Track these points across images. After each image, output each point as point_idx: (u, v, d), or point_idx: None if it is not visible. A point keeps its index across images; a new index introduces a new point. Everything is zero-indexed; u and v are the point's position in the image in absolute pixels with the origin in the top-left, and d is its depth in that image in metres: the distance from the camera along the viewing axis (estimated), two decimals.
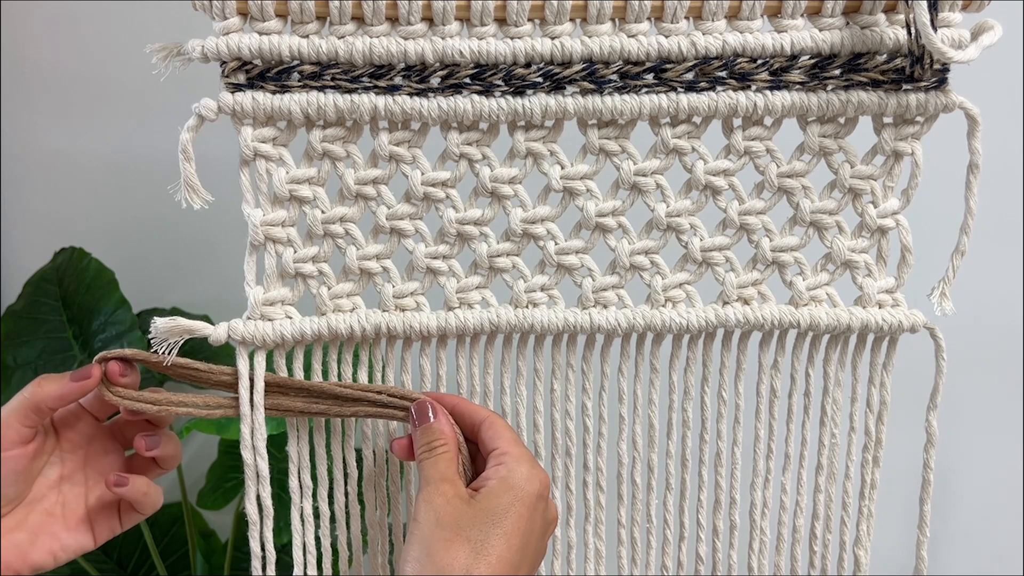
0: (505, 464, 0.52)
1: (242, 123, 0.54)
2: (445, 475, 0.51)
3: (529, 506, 0.51)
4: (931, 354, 0.61)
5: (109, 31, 1.10)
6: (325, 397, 0.57)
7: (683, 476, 0.64)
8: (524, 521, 0.50)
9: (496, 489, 0.51)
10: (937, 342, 0.61)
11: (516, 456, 0.52)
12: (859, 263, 0.60)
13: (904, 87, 0.55)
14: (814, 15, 0.54)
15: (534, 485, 0.51)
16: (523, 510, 0.50)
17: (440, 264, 0.58)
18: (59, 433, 0.56)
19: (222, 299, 1.16)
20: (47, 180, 1.18)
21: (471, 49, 0.53)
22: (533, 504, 0.51)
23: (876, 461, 0.63)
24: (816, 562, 0.66)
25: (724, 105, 0.55)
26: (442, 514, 0.49)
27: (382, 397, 0.56)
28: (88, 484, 0.57)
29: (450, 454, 0.53)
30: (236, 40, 0.52)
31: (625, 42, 0.53)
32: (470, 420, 0.56)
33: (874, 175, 0.58)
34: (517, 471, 0.51)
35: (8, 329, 1.08)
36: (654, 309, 0.59)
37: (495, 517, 0.49)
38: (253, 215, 0.56)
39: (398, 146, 0.56)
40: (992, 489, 1.15)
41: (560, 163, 0.57)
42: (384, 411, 0.57)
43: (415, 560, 0.48)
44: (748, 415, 0.63)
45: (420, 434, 0.54)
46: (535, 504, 0.51)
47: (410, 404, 0.56)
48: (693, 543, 0.65)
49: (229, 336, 0.56)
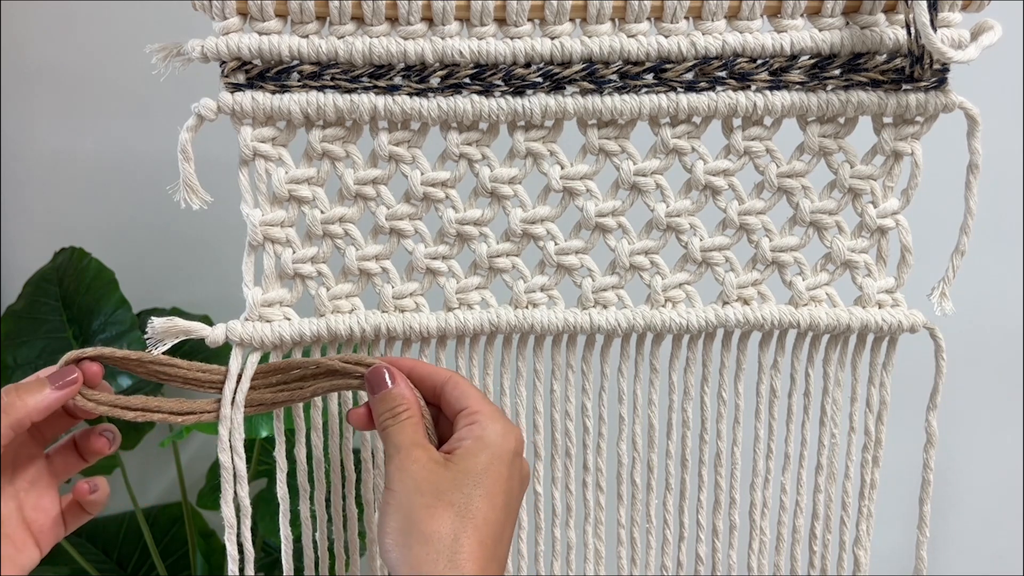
0: (479, 423, 0.50)
1: (241, 123, 0.54)
2: (415, 440, 0.49)
3: (507, 463, 0.49)
4: (931, 354, 0.61)
5: (109, 31, 1.10)
6: (288, 381, 0.55)
7: (683, 476, 0.64)
8: (504, 479, 0.48)
9: (472, 449, 0.49)
10: (937, 342, 0.61)
11: (488, 414, 0.50)
12: (859, 263, 0.60)
13: (904, 87, 0.55)
14: (814, 15, 0.54)
15: (510, 442, 0.49)
16: (502, 468, 0.48)
17: (440, 264, 0.58)
18: None
19: (222, 299, 1.16)
20: (47, 180, 1.18)
21: (471, 49, 0.53)
22: (511, 461, 0.49)
23: (876, 461, 0.63)
24: (816, 562, 0.66)
25: (724, 105, 0.55)
26: (419, 480, 0.47)
27: (335, 364, 0.54)
28: (20, 496, 0.51)
29: (415, 419, 0.51)
30: (236, 40, 0.52)
31: (625, 42, 0.53)
32: (430, 382, 0.53)
33: (874, 175, 0.58)
34: (491, 429, 0.49)
35: (8, 329, 1.07)
36: (654, 309, 0.59)
37: (475, 477, 0.47)
38: (252, 215, 0.56)
39: (398, 146, 0.56)
40: (992, 489, 1.15)
41: (560, 163, 0.57)
42: (340, 381, 0.54)
43: (396, 531, 0.46)
44: (748, 415, 0.63)
45: (379, 401, 0.52)
46: (512, 461, 0.49)
47: (364, 370, 0.53)
48: (693, 543, 0.65)
49: (227, 337, 0.56)
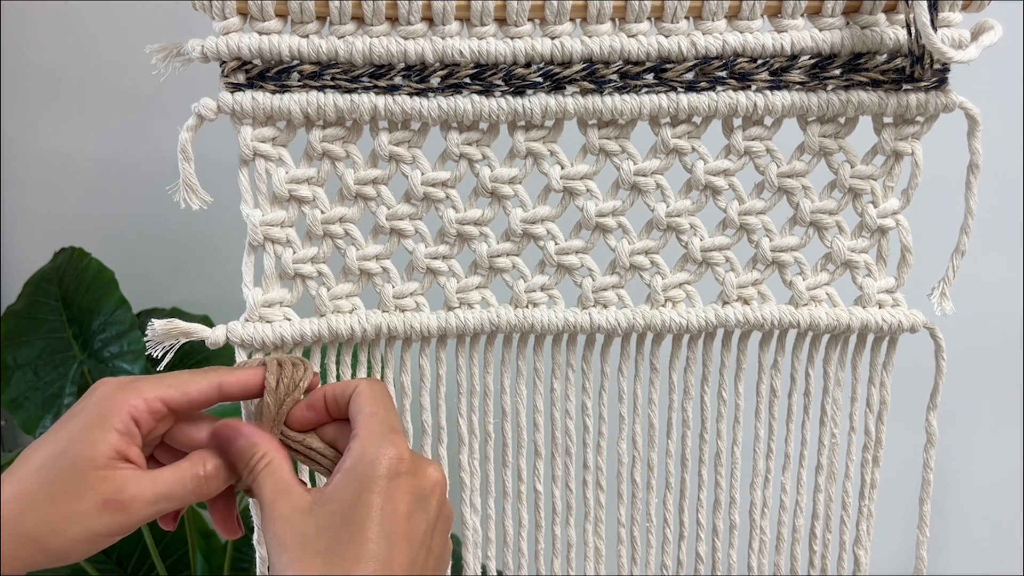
0: (351, 451, 0.45)
1: (242, 123, 0.54)
2: (277, 490, 0.44)
3: (379, 491, 0.43)
4: (931, 354, 0.61)
5: (109, 31, 1.10)
6: None
7: (683, 475, 0.64)
8: (376, 510, 0.43)
9: (340, 484, 0.44)
10: (937, 342, 0.61)
11: (365, 437, 0.45)
12: (859, 263, 0.60)
13: (904, 87, 0.55)
14: (814, 15, 0.54)
15: (380, 466, 0.44)
16: (371, 497, 0.43)
17: (440, 264, 0.58)
18: None
19: (222, 299, 1.16)
20: (47, 180, 1.19)
21: (471, 49, 0.53)
22: (384, 487, 0.44)
23: (876, 461, 0.63)
24: (816, 562, 0.66)
25: (724, 105, 0.55)
26: (282, 536, 0.42)
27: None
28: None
29: (273, 462, 0.46)
30: (236, 40, 0.52)
31: (625, 42, 0.53)
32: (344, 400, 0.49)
33: (874, 175, 0.58)
34: (362, 457, 0.44)
35: (8, 329, 1.08)
36: (654, 309, 0.59)
37: (341, 518, 0.43)
38: (252, 215, 0.56)
39: (398, 146, 0.56)
40: (992, 489, 1.15)
41: (560, 163, 0.57)
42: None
43: None
44: (748, 415, 0.63)
45: (235, 459, 0.46)
46: (387, 485, 0.44)
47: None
48: (693, 542, 0.65)
49: (228, 339, 0.56)
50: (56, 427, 0.45)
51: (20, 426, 1.06)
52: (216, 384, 0.48)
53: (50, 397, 1.05)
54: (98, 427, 0.43)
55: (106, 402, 0.45)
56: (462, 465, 0.62)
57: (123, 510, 0.43)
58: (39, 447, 0.44)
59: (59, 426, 0.45)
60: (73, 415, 0.45)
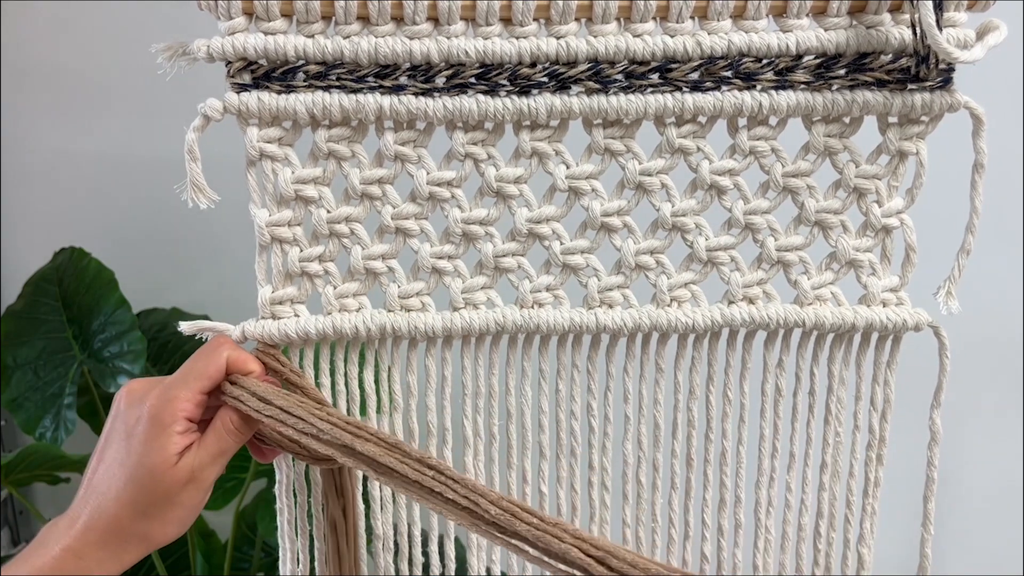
0: None
1: (248, 123, 0.54)
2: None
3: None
4: (935, 353, 0.61)
5: (109, 31, 1.10)
6: None
7: (688, 475, 0.64)
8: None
9: None
10: (941, 341, 0.61)
11: None
12: (863, 262, 0.60)
13: (909, 87, 0.55)
14: (819, 15, 0.54)
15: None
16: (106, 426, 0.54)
17: (445, 264, 0.58)
18: None
19: (222, 299, 1.16)
20: (47, 180, 1.18)
21: (476, 49, 0.53)
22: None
23: (880, 459, 0.64)
24: (820, 560, 0.66)
25: (729, 105, 0.55)
26: None
27: None
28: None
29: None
30: (242, 40, 0.52)
31: (630, 42, 0.53)
32: None
33: (879, 174, 0.58)
34: None
35: (8, 329, 1.07)
36: (659, 309, 0.59)
37: None
38: (259, 215, 0.56)
39: (403, 146, 0.56)
40: (993, 489, 1.15)
41: (565, 163, 0.57)
42: None
43: None
44: (753, 414, 0.63)
45: None
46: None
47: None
48: (698, 542, 0.65)
49: (244, 336, 0.57)
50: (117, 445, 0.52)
51: (20, 426, 1.06)
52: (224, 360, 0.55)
53: (50, 397, 1.05)
54: (162, 434, 0.51)
55: (161, 413, 0.52)
56: (467, 467, 0.62)
57: (198, 482, 0.53)
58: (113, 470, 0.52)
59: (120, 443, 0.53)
60: (129, 433, 0.52)
